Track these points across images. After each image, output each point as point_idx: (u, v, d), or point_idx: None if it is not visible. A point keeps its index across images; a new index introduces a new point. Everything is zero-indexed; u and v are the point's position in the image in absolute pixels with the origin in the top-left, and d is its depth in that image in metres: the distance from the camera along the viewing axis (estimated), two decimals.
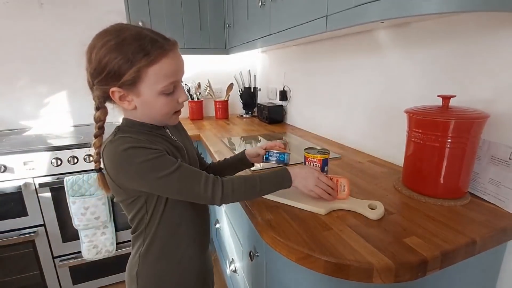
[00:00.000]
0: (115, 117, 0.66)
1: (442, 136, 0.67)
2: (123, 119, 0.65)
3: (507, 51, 0.66)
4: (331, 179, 0.70)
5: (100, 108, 0.61)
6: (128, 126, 0.63)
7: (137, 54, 0.54)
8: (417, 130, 0.72)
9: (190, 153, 0.72)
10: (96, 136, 0.63)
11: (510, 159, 0.65)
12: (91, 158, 1.35)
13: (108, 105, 0.62)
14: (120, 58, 0.54)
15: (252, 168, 0.95)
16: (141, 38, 0.55)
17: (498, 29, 0.67)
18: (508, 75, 0.67)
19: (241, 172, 0.88)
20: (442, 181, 0.70)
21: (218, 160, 0.89)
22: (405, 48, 0.92)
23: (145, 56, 0.55)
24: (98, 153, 0.64)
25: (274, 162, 0.80)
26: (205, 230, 0.78)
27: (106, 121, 0.64)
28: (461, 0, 0.53)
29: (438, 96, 0.71)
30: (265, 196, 0.75)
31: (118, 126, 0.63)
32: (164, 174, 0.56)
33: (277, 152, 0.80)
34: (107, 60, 0.54)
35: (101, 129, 0.63)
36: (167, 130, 0.69)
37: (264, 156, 0.81)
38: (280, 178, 0.66)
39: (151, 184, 0.57)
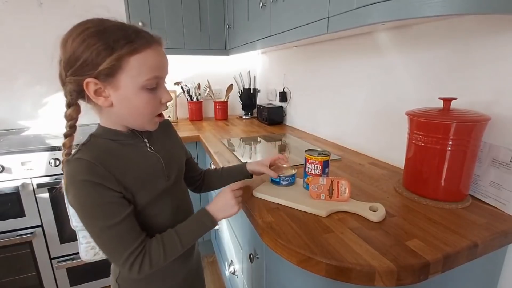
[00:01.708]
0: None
1: (443, 139, 0.67)
2: (98, 126, 0.59)
3: (507, 54, 0.66)
4: (332, 181, 0.70)
5: (72, 105, 0.54)
6: (100, 136, 0.57)
7: (119, 41, 0.49)
8: (418, 132, 0.71)
9: (173, 164, 0.66)
10: (66, 136, 0.57)
11: (511, 161, 0.65)
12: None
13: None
14: (99, 45, 0.48)
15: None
16: (124, 28, 0.51)
17: (499, 32, 0.68)
18: (509, 77, 0.67)
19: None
20: (443, 184, 0.70)
21: (215, 167, 0.88)
22: (406, 50, 0.92)
23: (128, 44, 0.49)
24: (67, 154, 0.57)
25: (285, 184, 0.81)
26: None
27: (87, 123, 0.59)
28: (462, 3, 0.53)
29: (440, 98, 0.71)
30: (265, 198, 0.75)
31: (91, 134, 0.57)
32: (100, 225, 0.51)
33: (286, 177, 0.80)
34: (84, 46, 0.48)
35: (72, 128, 0.57)
36: (145, 140, 0.62)
37: (275, 180, 0.81)
38: (201, 224, 0.62)
39: (84, 223, 0.52)
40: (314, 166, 0.77)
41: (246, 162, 0.84)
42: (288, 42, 1.10)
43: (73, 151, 0.56)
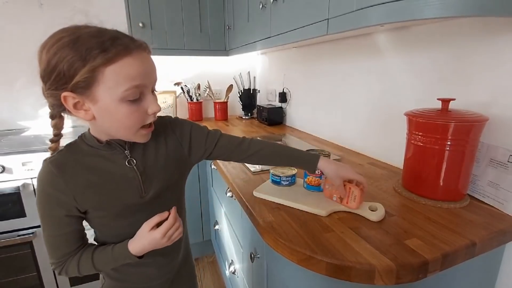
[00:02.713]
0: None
1: (442, 139, 0.67)
2: (87, 129, 0.58)
3: (505, 55, 0.67)
4: (344, 185, 0.67)
5: (55, 117, 0.54)
6: (85, 140, 0.57)
7: (92, 51, 0.45)
8: (417, 132, 0.72)
9: (156, 178, 0.61)
10: (52, 142, 0.57)
11: (508, 161, 0.66)
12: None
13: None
14: (71, 56, 0.45)
15: (252, 169, 0.95)
16: (100, 36, 0.47)
17: (497, 34, 0.68)
18: (506, 78, 0.68)
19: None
20: (441, 184, 0.70)
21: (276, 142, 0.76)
22: (405, 51, 0.93)
23: (101, 53, 0.45)
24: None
25: (285, 184, 0.81)
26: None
27: None
28: (460, 5, 0.54)
29: (438, 99, 0.72)
30: (266, 198, 0.75)
31: (80, 136, 0.58)
32: (42, 227, 0.56)
33: (287, 177, 0.80)
34: (57, 59, 0.45)
35: (57, 136, 0.57)
36: (126, 151, 0.58)
37: (275, 180, 0.80)
38: (120, 259, 0.59)
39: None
40: None
41: (320, 155, 0.71)
42: (288, 43, 1.11)
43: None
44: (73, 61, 0.45)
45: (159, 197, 0.62)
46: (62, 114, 0.54)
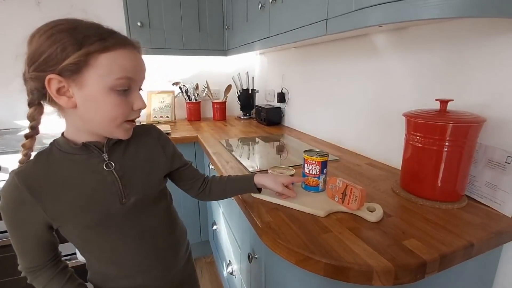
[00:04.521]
0: None
1: (440, 140, 0.68)
2: (61, 134, 0.56)
3: (503, 57, 0.68)
4: (346, 186, 0.67)
5: (33, 105, 0.51)
6: (58, 146, 0.54)
7: (90, 38, 0.46)
8: (415, 133, 0.72)
9: (137, 184, 0.59)
10: (27, 137, 0.53)
11: (506, 162, 0.66)
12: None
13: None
14: (66, 40, 0.45)
15: (250, 170, 0.94)
16: (98, 28, 0.49)
17: (495, 35, 0.69)
18: (504, 79, 0.68)
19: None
20: (439, 184, 0.70)
21: (220, 175, 0.79)
22: (403, 52, 0.93)
23: (99, 41, 0.46)
24: (25, 155, 0.54)
25: None
26: (157, 256, 0.64)
27: None
28: (459, 6, 0.54)
29: (436, 100, 0.72)
30: (264, 198, 0.75)
31: (51, 143, 0.55)
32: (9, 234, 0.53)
33: None
34: (51, 41, 0.45)
35: (34, 129, 0.53)
36: (104, 154, 0.56)
37: None
38: None
39: None
40: (312, 167, 0.77)
41: (254, 173, 0.74)
42: (287, 43, 1.11)
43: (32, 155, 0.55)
44: (68, 45, 0.45)
45: (140, 204, 0.59)
46: (42, 102, 0.51)
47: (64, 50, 0.45)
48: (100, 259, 0.60)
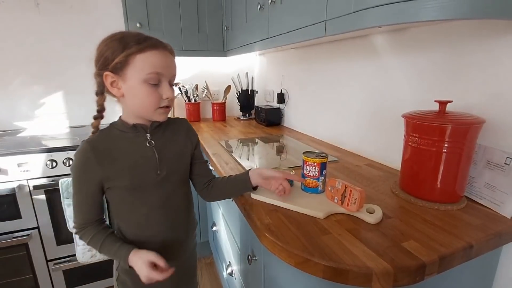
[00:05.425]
0: None
1: (439, 141, 0.67)
2: (119, 118, 0.71)
3: (501, 58, 0.68)
4: (346, 188, 0.67)
5: (99, 94, 0.68)
6: (115, 126, 0.71)
7: (129, 43, 0.61)
8: (414, 134, 0.72)
9: (169, 161, 0.73)
10: (95, 118, 0.70)
11: (505, 163, 0.66)
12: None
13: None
14: (116, 46, 0.61)
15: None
16: (138, 35, 0.63)
17: (493, 36, 0.69)
18: (503, 81, 0.68)
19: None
20: (439, 185, 0.70)
21: (223, 176, 0.83)
22: (402, 53, 0.93)
23: (136, 45, 0.61)
24: (93, 133, 0.70)
25: None
26: (173, 230, 0.77)
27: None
28: (457, 7, 0.54)
29: (435, 101, 0.72)
30: (263, 200, 0.75)
31: (111, 124, 0.71)
32: (73, 191, 0.68)
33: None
34: (106, 48, 0.62)
35: (99, 112, 0.70)
36: (147, 134, 0.71)
37: None
38: (117, 255, 0.69)
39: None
40: (312, 168, 0.77)
41: (249, 170, 0.77)
42: (286, 44, 1.11)
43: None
44: (116, 49, 0.61)
45: (170, 179, 0.73)
46: (104, 93, 0.68)
47: (113, 53, 0.61)
48: (128, 221, 0.73)
